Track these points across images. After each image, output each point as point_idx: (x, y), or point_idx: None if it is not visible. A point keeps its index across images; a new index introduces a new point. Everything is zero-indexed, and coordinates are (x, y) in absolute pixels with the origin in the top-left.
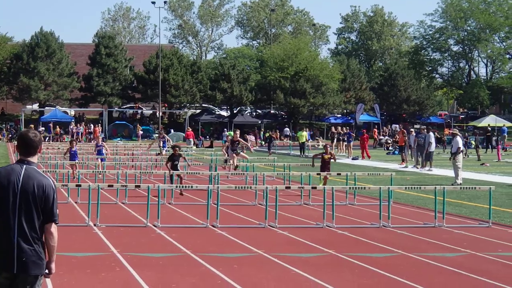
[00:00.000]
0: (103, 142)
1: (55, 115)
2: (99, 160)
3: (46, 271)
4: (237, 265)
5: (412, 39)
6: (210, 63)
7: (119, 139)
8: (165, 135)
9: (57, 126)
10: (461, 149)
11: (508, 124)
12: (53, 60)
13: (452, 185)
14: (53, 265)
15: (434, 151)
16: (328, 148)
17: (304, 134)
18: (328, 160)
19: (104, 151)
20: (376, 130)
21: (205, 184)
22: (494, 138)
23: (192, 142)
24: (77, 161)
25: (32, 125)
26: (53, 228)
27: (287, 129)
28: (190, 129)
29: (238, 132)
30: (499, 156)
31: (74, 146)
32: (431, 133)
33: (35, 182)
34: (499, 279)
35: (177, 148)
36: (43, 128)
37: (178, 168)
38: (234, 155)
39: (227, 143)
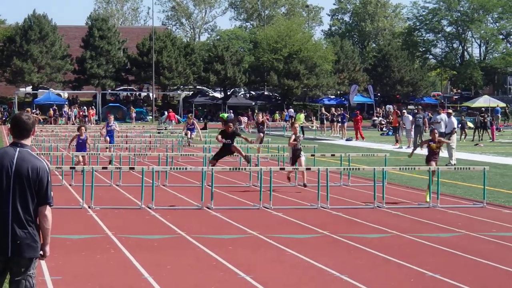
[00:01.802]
0: (115, 123)
1: (49, 98)
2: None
3: (41, 253)
4: (232, 247)
5: (405, 20)
6: (203, 45)
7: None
8: (194, 121)
9: (50, 109)
10: (456, 129)
11: (502, 104)
12: (46, 42)
13: (447, 165)
14: (47, 248)
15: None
16: (436, 135)
17: (302, 116)
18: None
19: (115, 133)
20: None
21: (199, 166)
22: (488, 119)
23: (174, 123)
24: (86, 152)
25: (29, 108)
26: (48, 211)
27: (291, 109)
28: (171, 110)
29: (261, 113)
30: (494, 136)
31: (83, 133)
32: (442, 114)
33: (29, 165)
34: (494, 259)
35: (231, 125)
36: (39, 112)
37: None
38: (261, 134)
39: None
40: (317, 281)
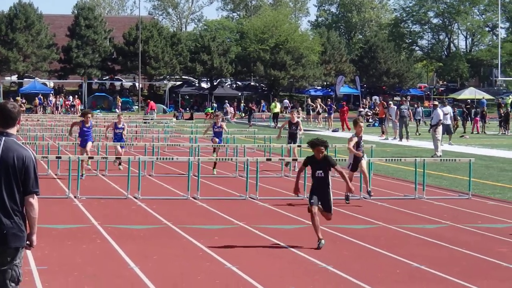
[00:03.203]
0: (125, 124)
1: (34, 87)
2: (118, 147)
3: (27, 243)
4: (218, 237)
5: (392, 11)
6: (190, 35)
7: (98, 111)
8: (223, 115)
9: (36, 98)
10: (441, 121)
11: (488, 96)
12: (32, 31)
13: (432, 157)
14: (34, 237)
15: (411, 124)
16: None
17: (278, 106)
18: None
19: (124, 133)
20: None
21: (185, 156)
22: (473, 111)
23: (155, 114)
24: (91, 142)
25: (18, 98)
26: (34, 200)
27: (286, 101)
28: (150, 100)
29: (295, 112)
30: (478, 128)
31: (89, 120)
32: (447, 106)
33: (15, 154)
34: (479, 250)
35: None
36: (25, 101)
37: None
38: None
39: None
40: (303, 271)
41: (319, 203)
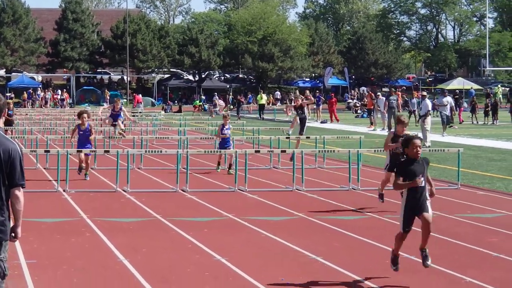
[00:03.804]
0: (124, 108)
1: (22, 81)
2: (119, 122)
3: (12, 234)
4: (207, 229)
5: (379, 2)
6: (178, 28)
7: (87, 104)
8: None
9: (24, 92)
10: (430, 112)
11: (476, 86)
12: (20, 25)
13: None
14: (19, 230)
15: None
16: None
17: (264, 97)
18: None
19: (122, 114)
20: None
21: (174, 149)
22: (461, 101)
23: (142, 106)
24: (89, 149)
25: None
26: (20, 193)
27: (278, 92)
28: (136, 94)
29: (300, 96)
30: (460, 118)
31: (85, 121)
32: (447, 97)
33: (1, 147)
34: (469, 240)
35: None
36: (13, 94)
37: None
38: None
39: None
40: (292, 263)
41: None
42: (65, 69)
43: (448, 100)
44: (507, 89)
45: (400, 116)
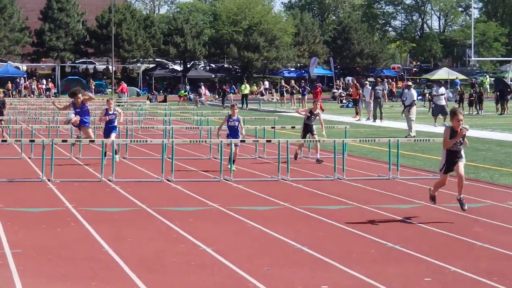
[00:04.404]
0: (118, 109)
1: (7, 71)
2: (112, 135)
3: None
4: (192, 219)
5: None
6: (163, 18)
7: None
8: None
9: (9, 82)
10: (415, 102)
11: (461, 76)
12: (4, 15)
13: (406, 137)
14: None
15: (385, 104)
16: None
17: (248, 87)
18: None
19: (116, 121)
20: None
21: (159, 138)
22: (447, 91)
23: (126, 96)
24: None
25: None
26: None
27: (267, 82)
28: (123, 83)
29: (318, 103)
30: None
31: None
32: (442, 87)
33: None
34: (453, 230)
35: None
36: None
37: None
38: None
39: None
40: (278, 252)
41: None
42: (43, 59)
43: (443, 90)
44: (493, 79)
45: (455, 110)
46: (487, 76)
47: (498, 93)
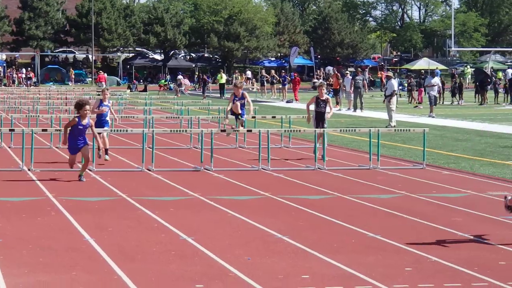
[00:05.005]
0: (110, 103)
1: None
2: (103, 134)
3: None
4: (173, 209)
5: None
6: (143, 7)
7: (51, 83)
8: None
9: None
10: (396, 92)
11: (441, 67)
12: None
13: (386, 127)
14: None
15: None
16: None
17: (224, 77)
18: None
19: (109, 115)
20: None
21: (140, 128)
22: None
23: (104, 85)
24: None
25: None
26: None
27: (249, 72)
28: (103, 73)
29: (324, 87)
30: (419, 98)
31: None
32: (436, 78)
33: None
34: (434, 220)
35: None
36: None
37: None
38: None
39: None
40: (258, 242)
41: None
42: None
43: (436, 81)
44: (473, 69)
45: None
46: (468, 66)
47: (478, 83)
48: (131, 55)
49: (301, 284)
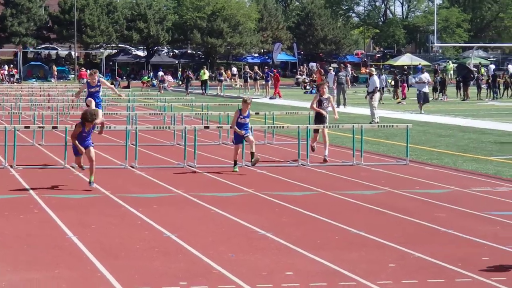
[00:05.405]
0: (103, 79)
1: None
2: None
3: None
4: (156, 205)
5: None
6: (126, 3)
7: (34, 80)
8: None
9: None
10: (378, 88)
11: (424, 62)
12: None
13: (370, 123)
14: None
15: (349, 91)
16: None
17: (207, 73)
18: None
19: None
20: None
21: (123, 124)
22: (410, 77)
23: (86, 81)
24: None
25: None
26: None
27: (234, 68)
28: (85, 69)
29: (326, 85)
30: (403, 94)
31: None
32: (425, 73)
33: None
34: (417, 216)
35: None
36: None
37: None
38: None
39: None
40: (242, 239)
41: None
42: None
43: (426, 77)
44: (455, 65)
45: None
46: (450, 62)
47: (461, 79)
48: (114, 51)
49: (285, 280)
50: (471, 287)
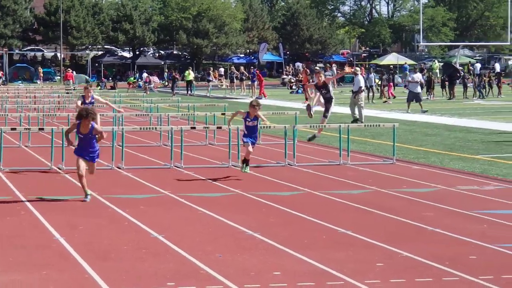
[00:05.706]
0: (97, 96)
1: None
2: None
3: None
4: (143, 206)
5: None
6: (111, 4)
7: (20, 82)
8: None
9: None
10: (363, 88)
11: (410, 61)
12: None
13: (356, 122)
14: None
15: (335, 90)
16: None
17: (192, 74)
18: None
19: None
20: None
21: (109, 125)
22: (396, 76)
23: (71, 83)
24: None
25: None
26: None
27: (222, 69)
28: (70, 71)
29: (322, 74)
30: (390, 93)
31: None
32: (418, 73)
33: None
34: (404, 215)
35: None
36: None
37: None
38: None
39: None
40: (229, 239)
41: None
42: None
43: (419, 76)
44: (441, 64)
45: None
46: (436, 61)
47: (447, 77)
48: (99, 53)
49: (273, 280)
50: (459, 286)
